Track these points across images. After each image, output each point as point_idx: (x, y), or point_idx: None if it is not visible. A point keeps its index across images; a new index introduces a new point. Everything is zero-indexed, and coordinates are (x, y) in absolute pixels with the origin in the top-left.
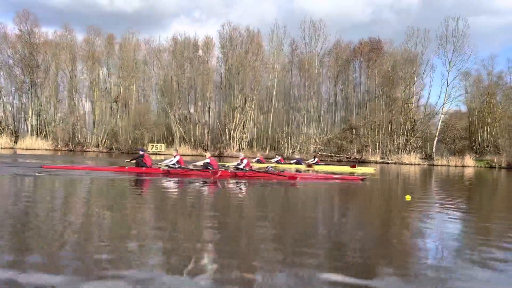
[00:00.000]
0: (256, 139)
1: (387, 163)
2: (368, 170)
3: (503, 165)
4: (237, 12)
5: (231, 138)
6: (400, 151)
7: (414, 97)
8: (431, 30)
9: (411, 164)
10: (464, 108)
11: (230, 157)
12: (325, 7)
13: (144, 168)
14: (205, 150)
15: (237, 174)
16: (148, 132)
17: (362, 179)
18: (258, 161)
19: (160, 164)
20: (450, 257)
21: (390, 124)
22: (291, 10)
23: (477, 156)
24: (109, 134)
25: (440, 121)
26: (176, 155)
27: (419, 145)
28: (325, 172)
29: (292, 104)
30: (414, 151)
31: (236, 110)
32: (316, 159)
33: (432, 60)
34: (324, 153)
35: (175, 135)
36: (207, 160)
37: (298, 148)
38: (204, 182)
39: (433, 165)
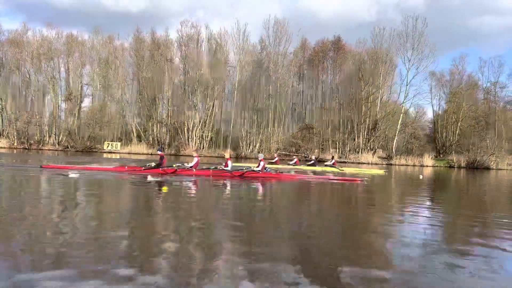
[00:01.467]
0: (217, 138)
1: (344, 162)
2: (379, 171)
3: (463, 164)
4: (242, 12)
5: (190, 137)
6: (361, 150)
7: (372, 96)
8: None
9: (368, 163)
10: (429, 107)
11: (187, 156)
12: (330, 6)
13: (142, 169)
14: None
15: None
16: (101, 130)
17: (362, 180)
18: (273, 163)
19: (184, 166)
20: (417, 258)
21: (351, 123)
22: (295, 9)
23: (441, 155)
24: (65, 132)
25: (400, 120)
26: (196, 156)
27: (380, 144)
28: (334, 174)
29: (255, 103)
30: (374, 150)
31: (194, 109)
32: (333, 161)
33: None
34: (283, 153)
35: (132, 133)
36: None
37: (258, 147)
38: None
39: (391, 164)
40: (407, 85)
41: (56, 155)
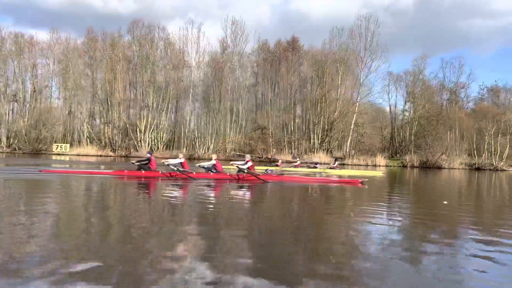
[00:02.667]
0: (172, 139)
1: (343, 164)
2: (377, 173)
3: (416, 164)
4: (233, 14)
5: (142, 138)
6: (316, 150)
7: (324, 96)
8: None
9: (320, 164)
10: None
11: (139, 157)
12: (321, 8)
13: (143, 172)
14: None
15: (239, 176)
16: (48, 131)
17: (361, 182)
18: (276, 165)
19: (167, 163)
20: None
21: (306, 124)
22: (286, 12)
23: (398, 155)
24: (12, 134)
25: (354, 120)
26: (181, 157)
27: (334, 144)
28: (340, 176)
29: (210, 104)
30: (329, 150)
31: (146, 109)
32: (336, 164)
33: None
34: (237, 153)
35: (82, 134)
36: (214, 162)
37: (212, 148)
38: (208, 185)
39: (344, 164)
40: (360, 85)
41: (4, 157)
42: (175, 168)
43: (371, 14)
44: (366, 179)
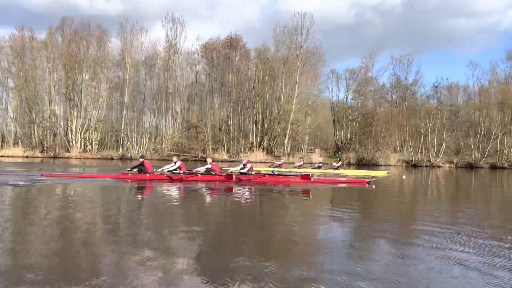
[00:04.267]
0: (105, 139)
1: (234, 161)
2: (381, 173)
3: (352, 161)
4: (221, 14)
5: (74, 138)
6: (255, 149)
7: (258, 95)
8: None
9: (255, 162)
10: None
11: (67, 158)
12: (310, 8)
13: (148, 175)
14: (207, 155)
15: (241, 178)
16: None
17: (368, 182)
18: (279, 166)
19: (162, 171)
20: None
21: (243, 122)
22: (275, 11)
23: (339, 153)
24: None
25: (291, 119)
26: (176, 160)
27: (274, 143)
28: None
29: (146, 102)
30: (268, 149)
31: (77, 108)
32: (340, 163)
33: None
34: (173, 153)
35: (9, 135)
36: (209, 166)
37: (146, 147)
38: (210, 188)
39: (281, 164)
40: (296, 83)
41: None
42: (181, 172)
43: (306, 12)
44: (374, 179)
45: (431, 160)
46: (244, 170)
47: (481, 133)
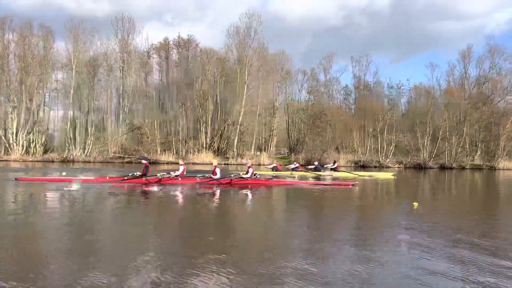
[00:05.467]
0: (49, 142)
1: (177, 163)
2: (387, 175)
3: (302, 162)
4: (210, 16)
5: (15, 140)
6: (204, 150)
7: (203, 96)
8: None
9: (202, 164)
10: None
11: (5, 161)
12: (299, 10)
13: (125, 178)
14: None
15: (239, 182)
16: None
17: (353, 185)
18: (275, 168)
19: (170, 174)
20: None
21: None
22: (264, 14)
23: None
24: None
25: (240, 120)
26: (181, 164)
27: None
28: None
29: (91, 103)
30: (218, 150)
31: (17, 110)
32: (336, 164)
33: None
34: (118, 155)
35: None
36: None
37: (89, 149)
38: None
39: (227, 164)
40: (245, 83)
41: None
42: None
43: (254, 12)
44: (357, 182)
45: (381, 160)
46: (247, 175)
47: (429, 134)
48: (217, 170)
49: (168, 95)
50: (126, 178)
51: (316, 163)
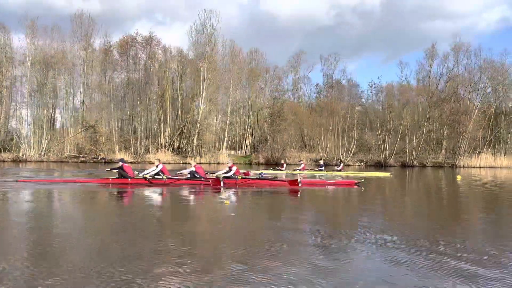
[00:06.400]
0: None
1: (137, 162)
2: (384, 174)
3: (261, 161)
4: (200, 14)
5: None
6: (164, 149)
7: (163, 94)
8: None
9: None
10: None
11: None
12: (290, 10)
13: (129, 179)
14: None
15: (225, 182)
16: None
17: (357, 183)
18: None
19: (144, 175)
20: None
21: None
22: (256, 13)
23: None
24: None
25: (199, 119)
26: (158, 164)
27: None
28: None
29: (46, 101)
30: (178, 149)
31: None
32: (342, 165)
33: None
34: (74, 154)
35: None
36: (193, 169)
37: (45, 149)
38: (194, 191)
39: (185, 163)
40: (202, 80)
41: None
42: (164, 177)
43: (212, 9)
44: (362, 180)
45: (342, 159)
46: (230, 174)
47: (390, 131)
48: (197, 170)
49: (127, 93)
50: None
51: (321, 162)
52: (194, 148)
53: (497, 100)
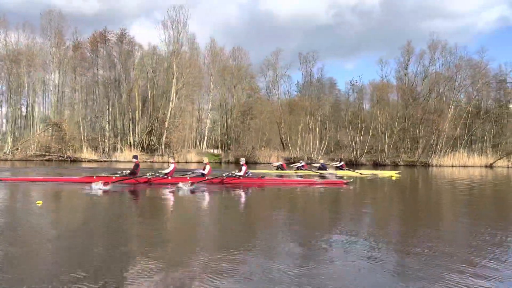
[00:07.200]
0: None
1: (103, 161)
2: (391, 173)
3: (231, 160)
4: (200, 14)
5: None
6: (133, 148)
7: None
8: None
9: (124, 161)
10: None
11: None
12: (290, 9)
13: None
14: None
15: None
16: None
17: (346, 183)
18: (280, 167)
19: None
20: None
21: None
22: (255, 12)
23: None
24: None
25: (169, 115)
26: (172, 162)
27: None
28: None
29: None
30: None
31: None
32: (342, 163)
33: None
34: (39, 153)
35: None
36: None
37: (10, 147)
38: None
39: (153, 162)
40: (173, 78)
41: None
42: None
43: (182, 6)
44: (351, 180)
45: (312, 157)
46: (241, 173)
47: (361, 130)
48: (207, 167)
49: (97, 91)
50: (114, 177)
51: (321, 161)
52: (162, 147)
53: (473, 99)
